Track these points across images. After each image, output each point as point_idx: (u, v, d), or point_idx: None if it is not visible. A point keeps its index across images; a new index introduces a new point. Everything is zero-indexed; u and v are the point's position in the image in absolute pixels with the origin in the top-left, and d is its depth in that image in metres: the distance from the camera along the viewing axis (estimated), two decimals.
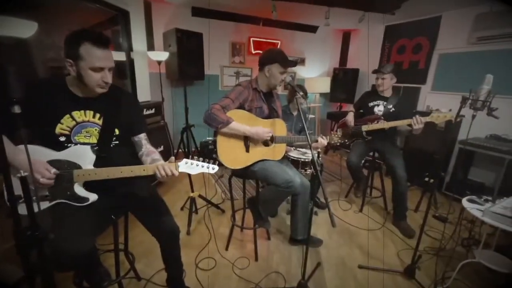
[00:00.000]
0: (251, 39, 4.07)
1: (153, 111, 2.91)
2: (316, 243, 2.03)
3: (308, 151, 2.46)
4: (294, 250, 2.03)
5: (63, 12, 2.37)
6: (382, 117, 2.34)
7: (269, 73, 1.69)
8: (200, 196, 2.47)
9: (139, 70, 3.05)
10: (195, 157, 1.14)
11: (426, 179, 3.04)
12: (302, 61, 4.66)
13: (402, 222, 2.30)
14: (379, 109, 2.42)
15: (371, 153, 2.57)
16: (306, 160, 2.28)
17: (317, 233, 2.25)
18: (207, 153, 3.73)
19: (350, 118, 2.48)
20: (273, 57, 1.68)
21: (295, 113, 2.56)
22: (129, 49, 2.94)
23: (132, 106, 1.28)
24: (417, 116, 2.04)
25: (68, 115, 1.10)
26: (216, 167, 1.15)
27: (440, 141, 3.02)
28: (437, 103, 3.40)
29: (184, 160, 1.12)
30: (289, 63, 1.65)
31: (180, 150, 3.64)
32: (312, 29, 4.48)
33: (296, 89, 1.40)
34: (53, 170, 1.03)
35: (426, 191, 2.73)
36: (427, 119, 2.01)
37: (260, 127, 1.57)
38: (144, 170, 1.10)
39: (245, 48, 4.09)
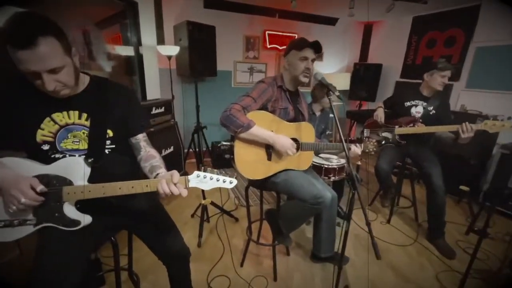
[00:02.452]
0: (266, 32, 3.81)
1: (162, 109, 2.72)
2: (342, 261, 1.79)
3: (332, 157, 2.21)
4: (316, 269, 1.80)
5: (68, 5, 2.20)
6: (421, 120, 2.05)
7: (288, 64, 1.47)
8: (212, 203, 2.28)
9: (148, 65, 2.87)
10: (208, 169, 0.92)
11: (461, 187, 2.74)
12: (319, 56, 4.37)
13: (439, 239, 2.02)
14: (417, 110, 2.12)
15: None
16: (330, 166, 2.04)
17: (341, 247, 2.01)
18: (219, 154, 3.55)
19: (380, 113, 2.17)
20: (289, 45, 1.48)
21: (317, 114, 2.31)
22: (138, 43, 2.75)
23: (126, 101, 1.05)
24: (466, 123, 1.72)
25: (48, 118, 0.90)
26: (235, 181, 0.93)
27: (476, 144, 2.70)
28: (473, 102, 3.06)
29: (196, 173, 0.90)
30: (304, 43, 1.41)
31: (190, 150, 3.48)
32: (332, 21, 4.18)
33: (330, 88, 1.17)
34: (40, 188, 0.83)
35: (482, 207, 2.35)
36: (479, 126, 1.70)
37: (286, 138, 1.34)
38: (147, 186, 0.89)
39: (259, 42, 3.84)
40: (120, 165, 1.03)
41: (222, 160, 3.57)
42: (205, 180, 0.90)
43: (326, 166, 2.04)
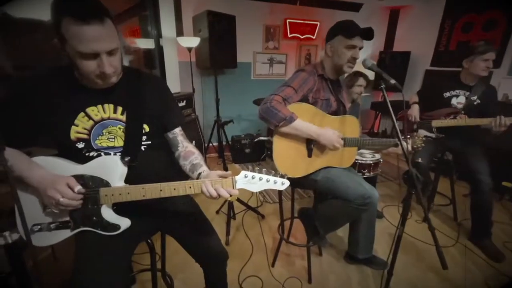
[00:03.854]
0: (287, 20, 3.64)
1: (184, 103, 2.66)
2: (379, 265, 1.67)
3: (365, 151, 2.08)
4: (352, 271, 1.70)
5: None
6: (463, 111, 1.87)
7: (331, 51, 1.33)
8: (238, 199, 2.21)
9: (168, 58, 2.80)
10: (257, 168, 0.82)
11: (504, 183, 2.54)
12: None
13: (486, 240, 1.86)
14: (459, 100, 1.94)
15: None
16: (365, 162, 1.91)
17: (375, 247, 1.89)
18: (239, 148, 3.47)
19: (414, 112, 2.01)
20: (335, 29, 1.33)
21: (349, 105, 2.16)
22: (158, 35, 2.68)
23: (160, 92, 0.98)
24: (501, 117, 1.60)
25: (82, 113, 0.83)
26: (287, 182, 0.83)
27: None
28: None
29: (243, 173, 0.81)
30: (355, 30, 1.26)
31: (210, 144, 3.43)
32: (355, 7, 3.95)
33: (384, 76, 1.04)
34: (77, 188, 0.77)
35: None
36: None
37: (331, 130, 1.22)
38: (190, 187, 0.82)
39: (280, 31, 3.68)
40: (156, 162, 0.96)
41: (242, 155, 3.50)
42: (253, 181, 0.80)
43: (360, 161, 1.91)
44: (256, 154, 3.50)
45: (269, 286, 1.57)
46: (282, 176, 0.82)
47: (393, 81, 1.03)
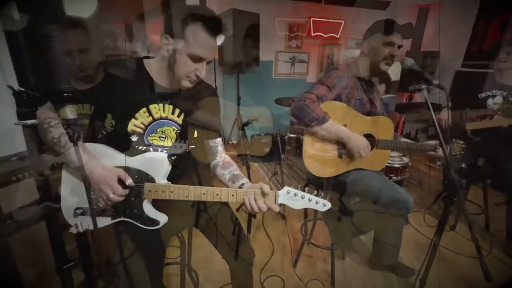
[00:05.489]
0: (311, 19, 3.59)
1: None
2: (405, 273, 1.61)
3: (393, 154, 2.01)
4: (376, 277, 1.66)
5: None
6: (499, 112, 1.77)
7: (368, 49, 1.30)
8: None
9: None
10: (299, 186, 0.83)
11: None
12: None
13: None
14: (495, 101, 1.83)
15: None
16: (392, 165, 1.85)
17: (400, 254, 1.83)
18: (258, 147, 3.47)
19: (444, 116, 1.93)
20: (372, 27, 1.31)
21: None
22: None
23: (213, 102, 1.02)
24: None
25: (144, 109, 0.86)
26: (329, 204, 0.83)
27: None
28: None
29: (286, 188, 0.81)
30: (393, 27, 1.23)
31: (230, 142, 3.45)
32: (382, 5, 3.83)
33: (426, 76, 0.99)
34: (129, 181, 0.81)
35: None
36: None
37: (361, 138, 1.21)
38: (233, 195, 0.83)
39: (303, 30, 3.64)
40: (195, 165, 0.99)
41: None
42: (295, 198, 0.81)
43: (387, 164, 1.85)
44: (275, 153, 3.49)
45: (291, 286, 1.56)
46: (324, 197, 0.82)
47: (436, 81, 0.98)
